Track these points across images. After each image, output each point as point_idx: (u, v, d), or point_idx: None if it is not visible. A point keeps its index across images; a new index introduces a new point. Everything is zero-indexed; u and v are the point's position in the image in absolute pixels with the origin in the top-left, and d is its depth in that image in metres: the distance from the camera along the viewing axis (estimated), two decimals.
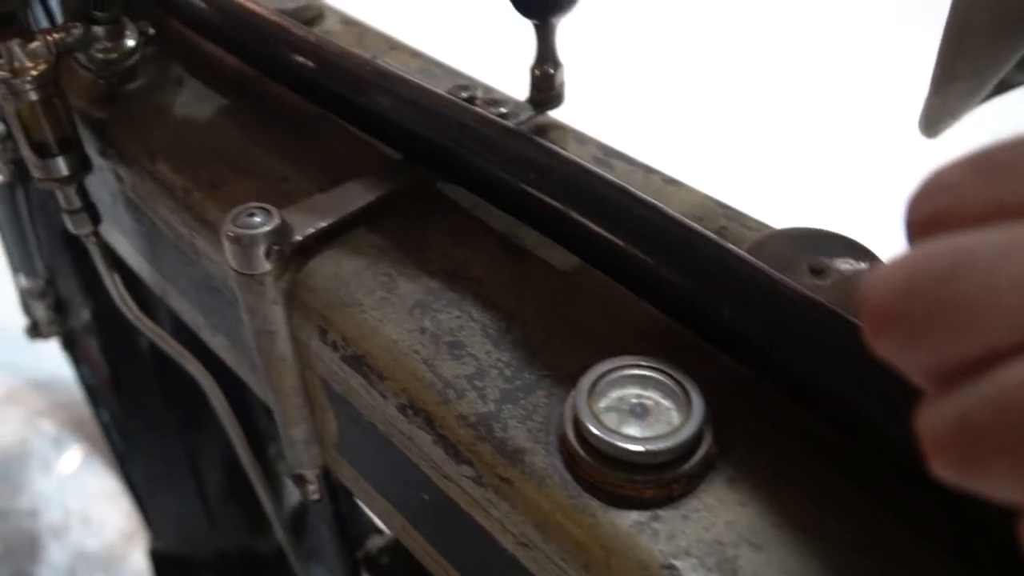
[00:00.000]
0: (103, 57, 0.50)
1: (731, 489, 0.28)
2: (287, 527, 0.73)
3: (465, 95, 0.44)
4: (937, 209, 0.18)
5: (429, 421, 0.33)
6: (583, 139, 0.45)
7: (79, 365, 0.93)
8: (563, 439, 0.29)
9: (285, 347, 0.39)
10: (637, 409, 0.29)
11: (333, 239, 0.39)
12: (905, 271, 0.17)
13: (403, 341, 0.35)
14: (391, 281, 0.37)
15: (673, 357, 0.31)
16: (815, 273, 0.35)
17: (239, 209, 0.37)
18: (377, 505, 0.43)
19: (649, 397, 0.29)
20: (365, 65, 0.42)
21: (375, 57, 0.45)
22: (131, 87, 0.51)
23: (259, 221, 0.36)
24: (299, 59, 0.44)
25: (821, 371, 0.29)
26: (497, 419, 0.31)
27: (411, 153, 0.41)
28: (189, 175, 0.44)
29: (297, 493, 0.75)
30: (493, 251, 0.38)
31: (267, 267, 0.37)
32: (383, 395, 0.34)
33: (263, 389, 0.44)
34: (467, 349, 0.34)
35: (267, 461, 0.82)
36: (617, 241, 0.33)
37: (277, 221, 0.36)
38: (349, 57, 0.43)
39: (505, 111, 0.43)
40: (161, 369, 0.80)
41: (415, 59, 0.52)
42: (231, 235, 0.36)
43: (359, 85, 0.42)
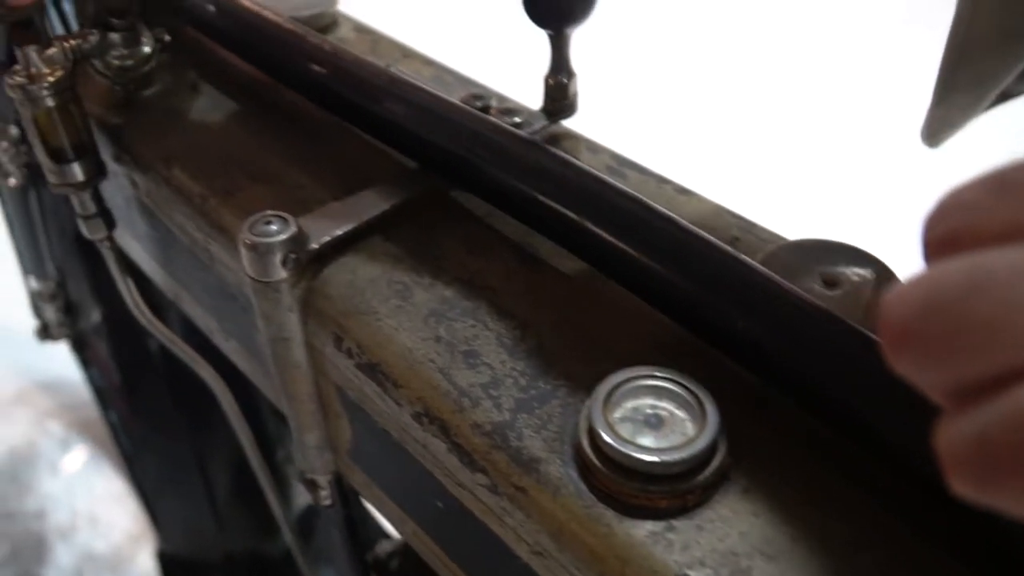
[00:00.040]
0: (119, 63, 0.50)
1: (745, 499, 0.29)
2: (295, 530, 0.74)
3: (480, 104, 0.44)
4: (954, 228, 0.18)
5: (444, 429, 0.33)
6: (596, 148, 0.45)
7: (88, 367, 0.93)
8: (578, 449, 0.30)
9: (300, 354, 0.40)
10: (652, 420, 0.29)
11: (348, 247, 0.39)
12: (923, 290, 0.17)
13: (418, 349, 0.35)
14: (406, 289, 0.37)
15: (686, 366, 0.31)
16: (827, 284, 0.36)
17: (256, 217, 0.37)
18: (389, 511, 0.43)
19: (664, 408, 0.30)
20: (380, 73, 0.43)
21: (389, 65, 0.46)
22: (147, 93, 0.52)
23: (276, 229, 0.36)
24: (314, 67, 0.45)
25: (833, 382, 0.29)
26: (512, 428, 0.32)
27: (426, 162, 0.42)
28: (205, 182, 0.45)
29: (305, 496, 0.75)
30: (507, 260, 0.39)
31: (283, 275, 0.37)
32: (398, 403, 0.35)
33: (277, 395, 0.45)
34: (482, 358, 0.34)
35: (275, 464, 0.82)
36: (631, 251, 0.34)
37: (294, 229, 0.37)
38: (364, 65, 0.43)
39: (519, 120, 0.43)
40: (170, 372, 0.81)
41: (428, 67, 0.52)
42: (248, 243, 0.36)
43: (374, 93, 0.42)
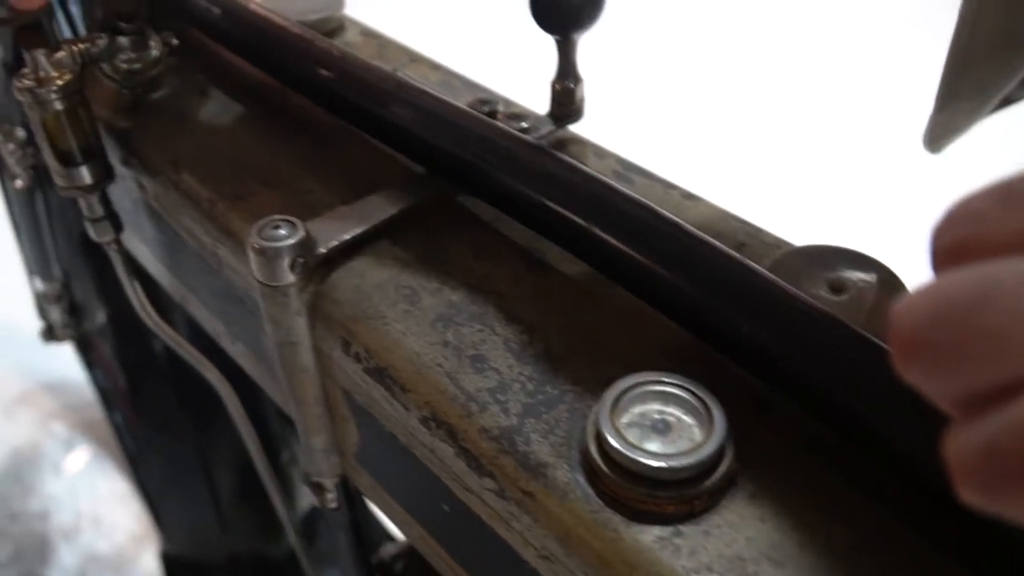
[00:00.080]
0: (127, 67, 0.51)
1: (752, 505, 0.29)
2: (299, 531, 0.74)
3: (487, 109, 0.44)
4: (962, 238, 0.18)
5: (452, 434, 0.33)
6: (602, 153, 0.45)
7: (92, 368, 0.93)
8: (585, 454, 0.30)
9: (307, 358, 0.40)
10: (659, 425, 0.29)
11: (356, 251, 0.39)
12: (932, 300, 0.17)
13: (426, 354, 0.35)
14: (414, 294, 0.37)
15: (692, 371, 0.31)
16: (833, 290, 0.36)
17: (264, 221, 0.37)
18: (395, 514, 0.43)
19: (671, 413, 0.30)
20: (387, 78, 0.43)
21: (396, 69, 0.46)
22: (155, 97, 0.52)
23: (284, 234, 0.37)
24: (322, 71, 0.45)
25: (839, 387, 0.29)
26: (519, 433, 0.32)
27: (433, 166, 0.42)
28: (213, 186, 0.45)
29: (309, 497, 0.75)
30: (514, 265, 0.39)
31: (291, 279, 0.37)
32: (406, 407, 0.35)
33: (284, 398, 0.45)
34: (489, 362, 0.34)
35: (279, 465, 0.82)
36: (637, 256, 0.34)
37: (302, 234, 0.37)
38: (371, 70, 0.43)
39: (526, 125, 0.44)
40: (174, 373, 0.81)
41: (435, 71, 0.52)
42: (257, 247, 0.36)
43: (381, 98, 0.42)
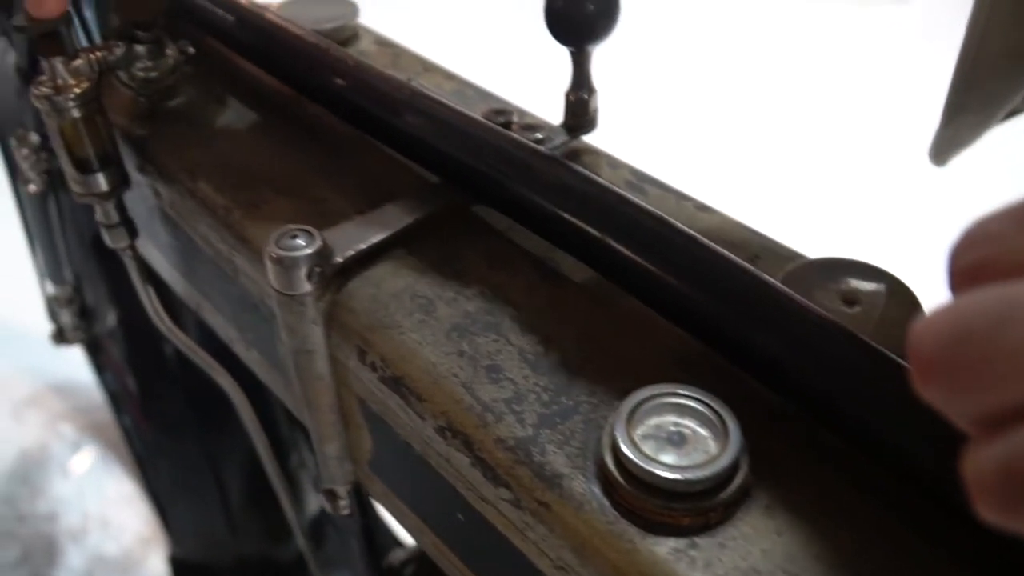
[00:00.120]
0: (144, 75, 0.51)
1: (767, 517, 0.29)
2: (307, 535, 0.74)
3: (501, 120, 0.45)
4: (979, 259, 0.19)
5: (467, 444, 0.33)
6: (616, 164, 0.46)
7: (102, 371, 0.93)
8: (601, 465, 0.30)
9: (323, 366, 0.40)
10: (675, 437, 0.30)
11: (372, 261, 0.40)
12: (951, 321, 0.18)
13: (442, 364, 0.35)
14: (429, 304, 0.38)
15: (706, 381, 0.31)
16: (846, 302, 0.36)
17: (282, 231, 0.37)
18: (408, 521, 0.43)
19: (687, 425, 0.30)
20: (403, 88, 0.43)
21: (410, 79, 0.46)
22: (171, 105, 0.52)
23: (302, 243, 0.37)
24: (337, 80, 0.45)
25: (852, 399, 0.29)
26: (535, 443, 0.32)
27: (448, 176, 0.42)
28: (229, 194, 0.45)
29: (317, 500, 0.75)
30: (529, 275, 0.39)
31: (308, 288, 0.38)
32: (421, 416, 0.35)
33: (298, 405, 0.45)
34: (505, 373, 0.35)
35: (289, 469, 0.83)
36: (652, 268, 0.34)
37: (319, 243, 0.37)
38: (386, 79, 0.44)
39: (540, 136, 0.44)
40: (184, 376, 0.81)
41: (449, 81, 0.53)
42: (274, 256, 0.37)
43: (396, 107, 0.43)
